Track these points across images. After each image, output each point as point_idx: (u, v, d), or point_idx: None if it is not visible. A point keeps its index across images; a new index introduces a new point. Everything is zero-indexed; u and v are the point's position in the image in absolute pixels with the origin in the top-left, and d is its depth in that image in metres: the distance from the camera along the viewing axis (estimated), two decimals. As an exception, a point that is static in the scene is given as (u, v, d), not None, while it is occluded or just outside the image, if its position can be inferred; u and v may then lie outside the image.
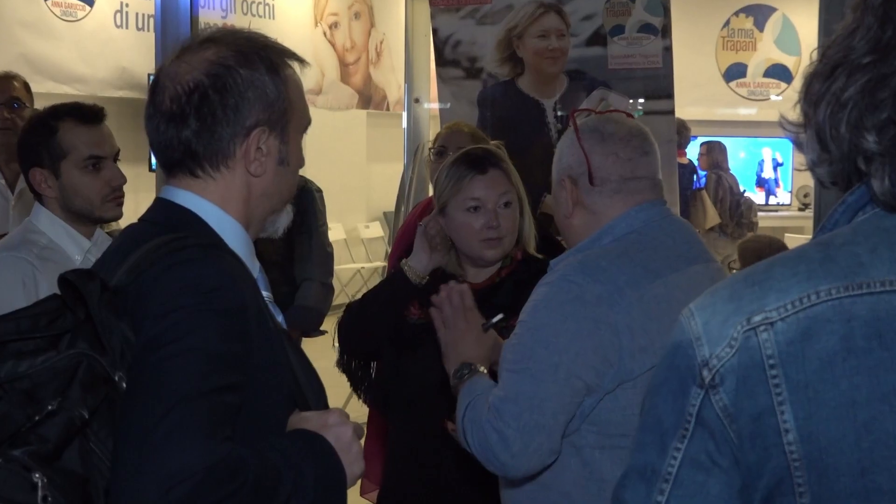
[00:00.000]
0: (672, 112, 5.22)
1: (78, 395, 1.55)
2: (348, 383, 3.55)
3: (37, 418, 1.52)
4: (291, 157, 1.96)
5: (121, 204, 3.31)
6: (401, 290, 3.27)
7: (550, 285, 2.40)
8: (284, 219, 2.03)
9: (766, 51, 13.66)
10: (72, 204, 3.21)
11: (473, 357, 2.63)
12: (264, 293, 1.93)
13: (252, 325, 1.75)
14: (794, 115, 1.37)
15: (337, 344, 3.48)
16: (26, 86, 5.19)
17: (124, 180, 3.28)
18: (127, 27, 8.66)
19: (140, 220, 1.96)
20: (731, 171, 10.65)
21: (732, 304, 1.31)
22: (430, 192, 4.27)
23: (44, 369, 1.56)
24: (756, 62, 13.66)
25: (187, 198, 1.90)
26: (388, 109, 12.28)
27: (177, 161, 1.90)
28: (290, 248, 5.12)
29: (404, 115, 7.92)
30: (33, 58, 7.78)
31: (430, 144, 4.72)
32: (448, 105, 5.57)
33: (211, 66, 1.87)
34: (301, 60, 1.99)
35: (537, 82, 5.36)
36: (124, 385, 1.59)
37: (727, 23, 13.73)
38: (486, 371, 2.60)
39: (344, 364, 3.50)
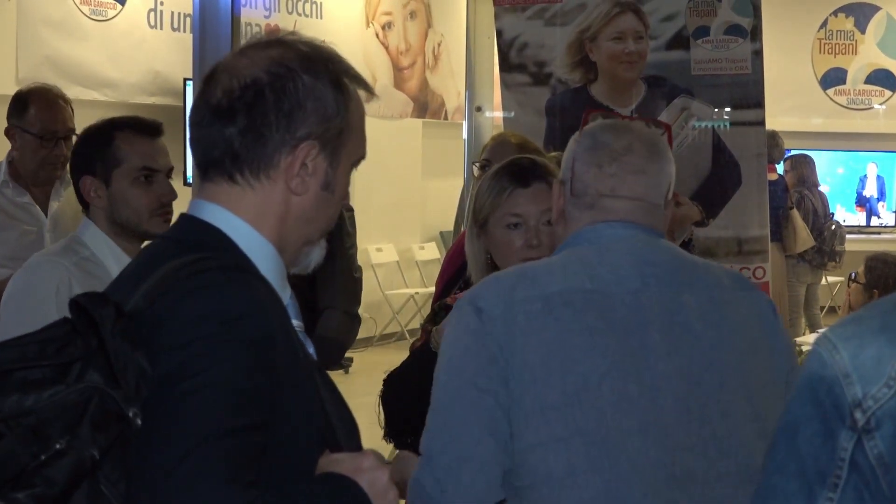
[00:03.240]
0: (762, 123, 5.19)
1: (88, 434, 1.54)
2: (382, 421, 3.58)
3: (43, 457, 1.52)
4: (338, 184, 1.95)
5: (168, 220, 3.41)
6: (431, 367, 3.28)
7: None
8: (317, 254, 2.02)
9: (869, 54, 13.57)
10: (119, 215, 3.36)
11: None
12: (294, 322, 1.93)
13: (280, 356, 1.75)
14: None
15: (382, 416, 3.52)
16: (72, 106, 5.24)
17: (175, 196, 3.43)
18: (161, 28, 8.75)
19: (161, 237, 1.98)
20: (820, 189, 10.53)
21: (885, 335, 1.27)
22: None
23: (51, 404, 1.55)
24: (857, 67, 13.56)
25: (216, 213, 1.89)
26: (446, 118, 12.32)
27: (215, 161, 1.90)
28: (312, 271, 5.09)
29: (464, 124, 7.92)
30: (59, 60, 7.88)
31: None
32: (512, 114, 5.58)
33: (273, 65, 1.88)
34: (369, 90, 2.00)
35: (612, 89, 5.35)
36: (139, 422, 1.59)
37: (824, 23, 13.66)
38: None
39: (392, 436, 3.54)
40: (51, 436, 1.53)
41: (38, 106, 4.97)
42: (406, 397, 3.33)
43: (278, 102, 1.86)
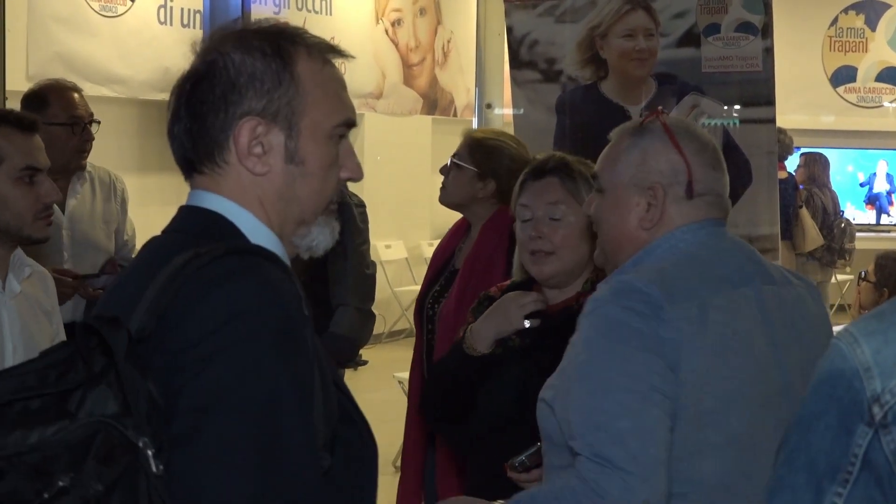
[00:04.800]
0: (773, 120, 5.18)
1: (93, 470, 1.51)
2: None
3: (46, 496, 1.48)
4: (307, 155, 1.89)
5: (50, 223, 3.26)
6: (463, 369, 3.25)
7: (588, 316, 2.41)
8: (319, 234, 1.94)
9: (879, 52, 13.54)
10: None
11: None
12: None
13: (305, 336, 1.73)
14: None
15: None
16: None
17: (58, 197, 3.27)
18: (171, 24, 8.75)
19: (164, 231, 1.94)
20: (832, 188, 10.52)
21: None
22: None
23: (56, 441, 1.51)
24: (867, 65, 13.54)
25: (213, 201, 1.88)
26: (455, 115, 12.31)
27: (184, 160, 1.90)
28: (323, 267, 5.05)
29: (474, 121, 7.93)
30: (69, 57, 7.88)
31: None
32: (522, 111, 5.57)
33: (207, 53, 1.89)
34: (337, 51, 1.97)
35: (622, 86, 5.33)
36: (150, 452, 1.54)
37: (835, 21, 13.63)
38: None
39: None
40: (54, 473, 1.50)
41: (56, 97, 4.97)
42: (442, 401, 3.34)
43: (212, 87, 1.86)
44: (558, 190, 3.21)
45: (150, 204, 7.68)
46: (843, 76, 13.58)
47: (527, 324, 3.18)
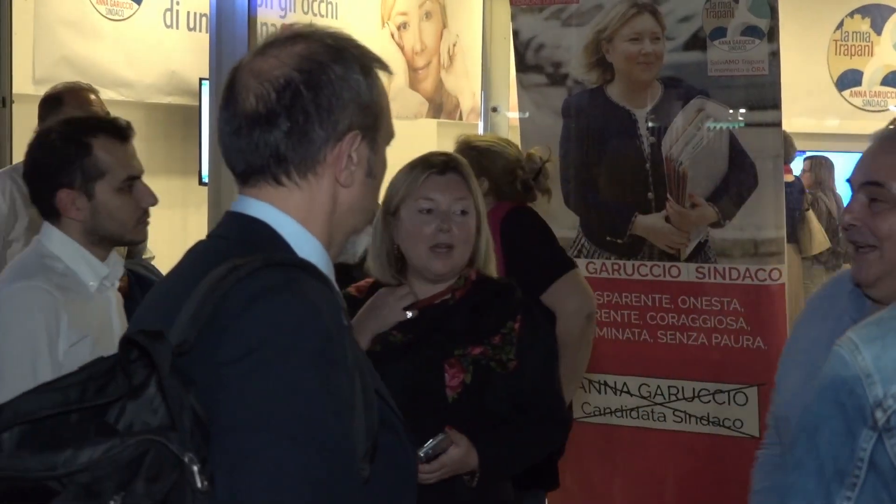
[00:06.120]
0: (779, 124, 5.18)
1: (143, 489, 1.50)
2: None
3: None
4: (379, 169, 1.94)
5: (148, 224, 3.35)
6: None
7: None
8: (364, 240, 2.02)
9: (885, 56, 13.51)
10: (103, 227, 3.22)
11: None
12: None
13: (343, 349, 1.72)
14: None
15: None
16: None
17: (155, 200, 3.34)
18: (177, 27, 8.74)
19: (209, 235, 1.94)
20: (837, 192, 10.52)
21: None
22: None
23: (106, 460, 1.50)
24: (873, 69, 13.51)
25: (263, 210, 1.87)
26: (461, 119, 12.30)
27: (258, 168, 1.87)
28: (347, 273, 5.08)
29: (480, 124, 7.93)
30: (76, 60, 7.88)
31: None
32: (528, 114, 5.57)
33: (302, 62, 1.85)
34: (387, 69, 1.98)
35: (628, 90, 5.34)
36: (195, 468, 1.53)
37: (840, 25, 13.60)
38: None
39: None
40: (104, 492, 1.49)
41: (71, 97, 4.98)
42: None
43: (316, 98, 1.83)
44: (462, 186, 3.28)
45: (156, 206, 7.67)
46: (848, 80, 13.55)
47: (408, 314, 3.26)
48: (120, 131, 3.27)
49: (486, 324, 3.26)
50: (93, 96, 5.04)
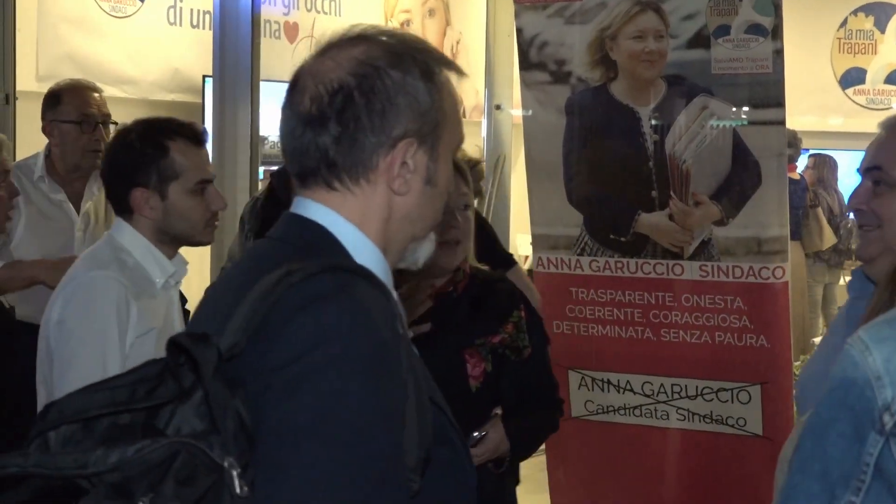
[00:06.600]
0: (782, 122, 5.16)
1: (172, 491, 1.48)
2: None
3: None
4: (440, 177, 1.90)
5: (216, 227, 3.45)
6: None
7: None
8: (427, 247, 1.96)
9: (888, 54, 13.50)
10: (173, 227, 3.34)
11: None
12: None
13: (398, 358, 1.70)
14: None
15: None
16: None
17: (224, 204, 3.43)
18: (181, 25, 8.75)
19: (267, 237, 1.92)
20: (838, 190, 10.52)
21: None
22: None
23: (137, 460, 1.48)
24: (876, 67, 13.51)
25: (321, 213, 1.85)
26: (464, 116, 12.29)
27: (311, 170, 1.85)
28: None
29: (483, 122, 7.91)
30: (79, 57, 7.88)
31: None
32: (531, 112, 5.56)
33: (358, 66, 1.83)
34: (459, 70, 1.94)
35: (632, 88, 5.32)
36: (235, 472, 1.51)
37: (844, 23, 13.60)
38: None
39: None
40: (134, 492, 1.47)
41: (70, 95, 4.99)
42: None
43: (369, 104, 1.81)
44: (461, 180, 3.32)
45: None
46: (852, 78, 13.54)
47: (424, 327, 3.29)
48: (196, 136, 3.38)
49: (491, 313, 3.30)
50: (94, 94, 5.04)
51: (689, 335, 5.25)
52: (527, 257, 6.04)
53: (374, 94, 1.81)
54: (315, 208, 1.86)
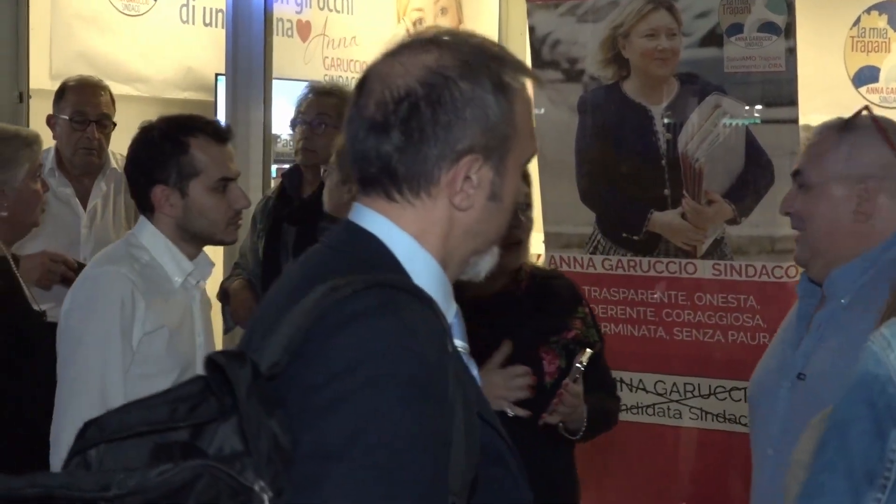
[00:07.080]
0: (795, 121, 5.15)
1: None
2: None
3: None
4: (506, 192, 1.83)
5: (239, 227, 3.43)
6: None
7: None
8: (489, 261, 1.90)
9: (902, 53, 13.46)
10: (193, 225, 3.34)
11: None
12: (459, 343, 1.82)
13: (444, 379, 1.63)
14: None
15: None
16: (113, 97, 5.25)
17: (247, 203, 3.41)
18: (193, 23, 8.75)
19: (321, 243, 1.87)
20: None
21: None
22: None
23: (157, 484, 1.42)
24: (890, 65, 13.44)
25: (378, 223, 1.80)
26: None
27: (371, 177, 1.80)
28: None
29: (495, 121, 7.84)
30: (92, 55, 7.89)
31: None
32: (543, 110, 5.55)
33: (428, 74, 1.75)
34: (536, 77, 1.89)
35: (645, 86, 5.31)
36: (265, 496, 1.46)
37: (857, 21, 13.55)
38: None
39: None
40: None
41: (71, 91, 5.02)
42: None
43: (435, 115, 1.74)
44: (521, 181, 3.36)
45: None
46: (865, 76, 13.48)
47: (510, 412, 3.17)
48: (218, 133, 3.36)
49: (556, 310, 3.34)
50: (98, 92, 5.06)
51: (702, 334, 5.24)
52: (539, 256, 6.01)
53: (441, 106, 1.74)
54: (372, 218, 1.81)
